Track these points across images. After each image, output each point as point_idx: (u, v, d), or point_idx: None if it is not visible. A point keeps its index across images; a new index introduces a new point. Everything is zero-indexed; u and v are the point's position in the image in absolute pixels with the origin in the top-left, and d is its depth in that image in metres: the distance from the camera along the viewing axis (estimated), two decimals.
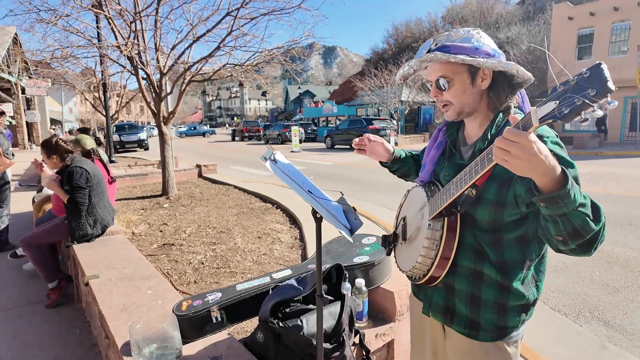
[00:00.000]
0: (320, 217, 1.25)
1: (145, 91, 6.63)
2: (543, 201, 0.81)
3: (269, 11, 6.09)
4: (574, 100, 0.67)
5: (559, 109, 0.69)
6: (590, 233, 0.83)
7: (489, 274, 1.05)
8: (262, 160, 1.19)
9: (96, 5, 5.86)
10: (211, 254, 3.93)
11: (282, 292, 1.74)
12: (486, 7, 41.13)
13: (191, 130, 47.19)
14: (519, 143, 0.74)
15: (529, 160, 0.74)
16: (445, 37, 1.07)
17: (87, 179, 3.16)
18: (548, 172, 0.77)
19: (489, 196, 1.01)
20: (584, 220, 0.81)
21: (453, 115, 1.09)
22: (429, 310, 1.20)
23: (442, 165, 1.18)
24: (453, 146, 1.17)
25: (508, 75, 1.02)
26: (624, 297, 3.21)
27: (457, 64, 1.01)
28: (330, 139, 21.66)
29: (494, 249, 1.04)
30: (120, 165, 10.71)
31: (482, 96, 1.06)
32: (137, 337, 1.53)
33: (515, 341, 1.10)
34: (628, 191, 7.13)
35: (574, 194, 0.79)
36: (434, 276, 1.10)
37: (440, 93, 1.07)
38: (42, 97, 23.47)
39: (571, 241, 0.85)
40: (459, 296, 1.11)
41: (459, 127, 1.20)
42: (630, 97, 18.15)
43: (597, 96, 0.65)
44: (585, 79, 0.67)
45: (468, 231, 1.06)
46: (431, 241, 1.06)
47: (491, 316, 1.07)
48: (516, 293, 1.04)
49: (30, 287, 3.47)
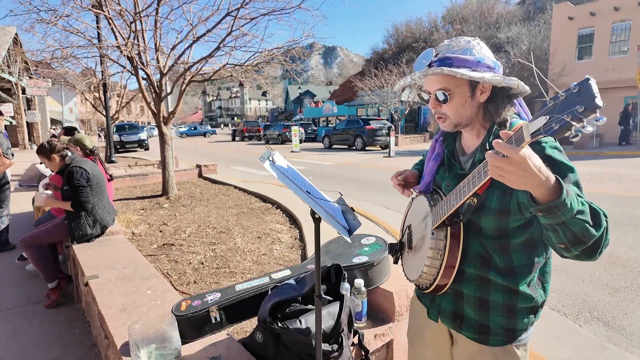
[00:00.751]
0: (319, 217, 1.25)
1: (145, 91, 6.63)
2: (541, 211, 0.81)
3: (268, 11, 6.10)
4: (563, 116, 0.66)
5: (549, 125, 0.68)
6: (591, 239, 0.83)
7: (495, 280, 1.06)
8: (261, 161, 1.19)
9: (96, 5, 5.86)
10: (211, 254, 3.93)
11: (281, 292, 1.74)
12: (486, 7, 41.07)
13: (192, 130, 47.25)
14: (511, 159, 0.74)
15: (523, 175, 0.75)
16: (446, 47, 1.05)
17: (87, 178, 3.16)
18: (543, 184, 0.78)
19: (492, 204, 1.01)
20: (583, 227, 0.82)
21: (449, 127, 1.09)
22: (438, 317, 1.20)
23: (444, 176, 1.17)
24: (452, 156, 1.17)
25: (506, 88, 1.03)
26: (624, 297, 3.21)
27: (459, 78, 1.00)
28: (328, 139, 21.81)
29: (501, 254, 1.05)
30: (120, 165, 10.72)
31: (479, 109, 1.06)
32: (136, 337, 1.53)
33: (524, 344, 1.10)
34: (628, 191, 7.12)
35: (570, 202, 0.79)
36: (440, 284, 1.10)
37: (440, 105, 1.06)
38: (43, 97, 23.49)
39: (573, 248, 0.85)
40: (467, 301, 1.11)
41: (455, 137, 1.20)
42: (631, 97, 18.13)
43: (586, 113, 0.64)
44: (574, 94, 0.67)
45: (474, 239, 1.07)
46: (435, 251, 1.06)
47: (500, 319, 1.07)
48: (524, 295, 1.05)
49: (31, 287, 3.48)
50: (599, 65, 18.98)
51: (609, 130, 18.69)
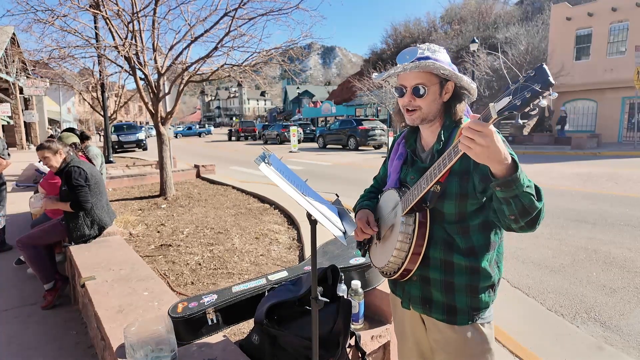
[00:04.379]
0: (315, 220, 1.25)
1: (143, 91, 6.62)
2: (499, 185, 0.95)
3: (266, 12, 6.09)
4: (524, 94, 0.81)
5: (513, 102, 0.83)
6: (535, 210, 0.98)
7: (458, 262, 1.18)
8: (256, 163, 1.19)
9: (94, 5, 5.85)
10: (208, 254, 3.92)
11: (278, 294, 1.74)
12: (485, 7, 41.15)
13: (187, 130, 46.57)
14: (482, 132, 0.87)
15: (488, 147, 0.88)
16: (426, 48, 1.19)
17: (85, 178, 3.15)
18: (503, 160, 0.92)
19: (453, 190, 1.15)
20: (530, 199, 0.96)
21: (417, 120, 1.21)
22: (409, 304, 1.30)
23: (407, 172, 1.30)
24: (414, 154, 1.31)
25: (463, 89, 1.20)
26: (621, 298, 3.22)
27: (433, 75, 1.15)
28: (322, 139, 22.12)
29: (462, 237, 1.18)
30: (118, 165, 10.68)
31: (442, 106, 1.21)
32: (132, 339, 1.53)
33: (489, 322, 1.23)
34: (626, 192, 7.14)
35: (522, 177, 0.94)
36: (407, 269, 1.21)
37: (414, 98, 1.18)
38: (40, 97, 23.39)
39: (521, 219, 0.99)
40: (434, 285, 1.22)
41: (415, 138, 1.33)
42: (628, 98, 18.19)
43: (542, 89, 0.79)
44: (531, 77, 0.81)
45: (437, 225, 1.20)
46: (405, 235, 1.17)
47: (465, 299, 1.19)
48: (484, 274, 1.18)
49: (27, 289, 3.46)
50: (597, 65, 19.03)
51: (606, 130, 18.79)
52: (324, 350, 1.56)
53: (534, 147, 16.95)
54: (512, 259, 4.08)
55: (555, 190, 7.41)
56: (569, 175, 9.35)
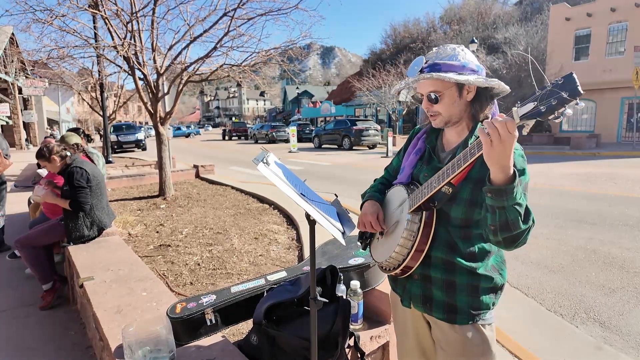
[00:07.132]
0: (314, 220, 1.24)
1: (142, 91, 6.61)
2: (491, 192, 0.96)
3: (266, 12, 6.09)
4: (550, 100, 0.81)
5: (538, 108, 0.82)
6: (517, 229, 0.98)
7: (459, 263, 1.18)
8: (254, 163, 1.19)
9: (92, 5, 5.84)
10: (207, 255, 3.92)
11: (276, 294, 1.73)
12: (484, 7, 41.18)
13: (176, 131, 44.31)
14: (507, 130, 0.87)
15: (504, 146, 0.88)
16: (434, 55, 1.19)
17: (87, 179, 3.14)
18: (505, 169, 0.92)
19: (464, 195, 1.14)
20: (516, 217, 0.96)
21: (440, 124, 1.21)
22: (410, 302, 1.30)
23: (421, 168, 1.29)
24: (432, 152, 1.29)
25: (489, 88, 1.17)
26: (620, 298, 3.22)
27: (447, 81, 1.14)
28: (318, 139, 22.26)
29: (464, 242, 1.18)
30: (117, 165, 10.67)
31: (467, 107, 1.19)
32: (130, 340, 1.52)
33: (490, 324, 1.22)
34: (625, 192, 7.15)
35: (516, 192, 0.94)
36: (408, 266, 1.21)
37: (432, 105, 1.19)
38: (39, 97, 23.39)
39: (500, 232, 1.00)
40: (435, 283, 1.22)
41: (437, 135, 1.32)
42: (627, 98, 18.21)
43: (569, 98, 0.79)
44: (559, 85, 0.81)
45: (442, 226, 1.19)
46: (409, 232, 1.17)
47: (466, 298, 1.19)
48: (485, 277, 1.19)
49: (26, 289, 3.45)
50: (596, 65, 19.05)
51: (605, 131, 18.82)
52: (322, 351, 1.56)
53: (533, 147, 16.98)
54: (511, 259, 4.08)
55: (555, 190, 7.42)
56: (568, 175, 9.36)
